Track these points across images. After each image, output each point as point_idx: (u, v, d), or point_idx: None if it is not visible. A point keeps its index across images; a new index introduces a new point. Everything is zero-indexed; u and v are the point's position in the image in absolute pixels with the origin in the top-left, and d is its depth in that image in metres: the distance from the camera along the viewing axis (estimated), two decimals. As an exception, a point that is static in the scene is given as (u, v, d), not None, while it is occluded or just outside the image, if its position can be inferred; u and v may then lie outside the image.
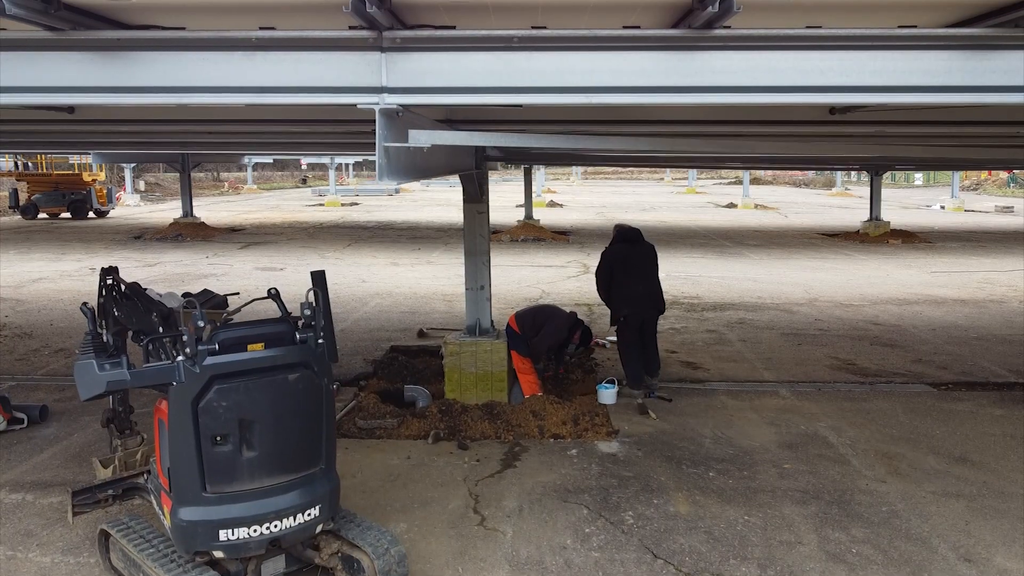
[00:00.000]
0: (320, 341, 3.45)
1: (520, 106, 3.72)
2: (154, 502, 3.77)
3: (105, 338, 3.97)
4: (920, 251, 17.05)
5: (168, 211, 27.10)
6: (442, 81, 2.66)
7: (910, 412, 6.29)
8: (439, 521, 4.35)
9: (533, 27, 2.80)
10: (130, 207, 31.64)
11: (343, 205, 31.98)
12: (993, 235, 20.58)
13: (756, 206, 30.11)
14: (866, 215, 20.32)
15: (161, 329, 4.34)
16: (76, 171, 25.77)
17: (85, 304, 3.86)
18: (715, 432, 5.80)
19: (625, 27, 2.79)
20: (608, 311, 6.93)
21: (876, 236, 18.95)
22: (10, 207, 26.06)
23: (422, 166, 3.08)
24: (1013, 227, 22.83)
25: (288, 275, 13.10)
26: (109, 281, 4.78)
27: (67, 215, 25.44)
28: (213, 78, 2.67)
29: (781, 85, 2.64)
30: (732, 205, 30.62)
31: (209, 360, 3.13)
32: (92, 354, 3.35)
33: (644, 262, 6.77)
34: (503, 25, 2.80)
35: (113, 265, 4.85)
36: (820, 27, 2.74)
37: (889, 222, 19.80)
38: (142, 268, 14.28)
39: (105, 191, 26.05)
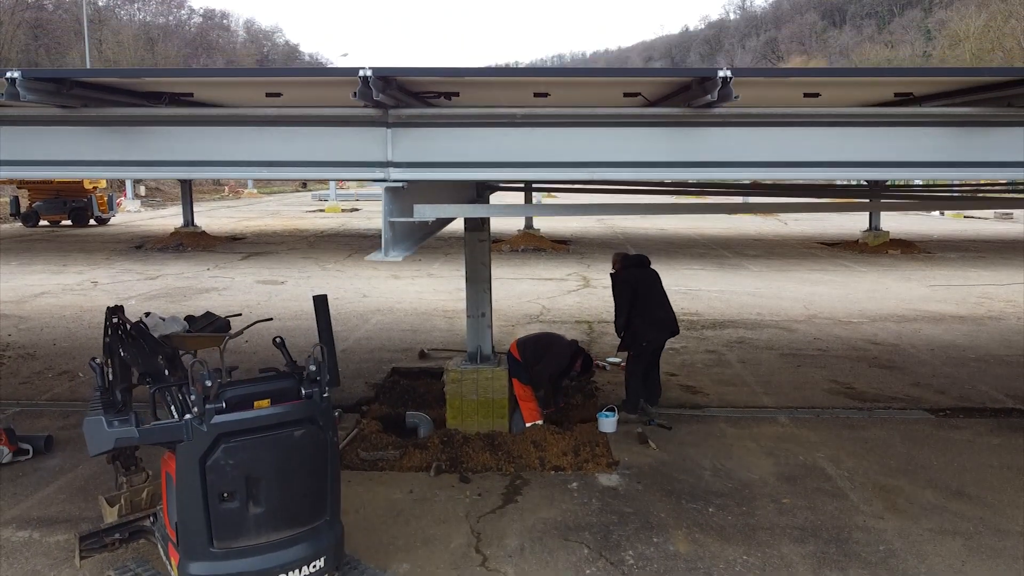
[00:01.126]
0: (325, 395, 3.50)
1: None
2: (161, 551, 3.82)
3: (114, 394, 4.01)
4: (919, 262, 17.10)
5: (169, 218, 27.14)
6: (447, 156, 2.71)
7: (908, 441, 6.34)
8: (441, 561, 4.40)
9: (536, 94, 2.85)
10: (131, 213, 31.68)
11: (343, 211, 32.02)
12: (992, 244, 20.64)
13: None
14: (865, 223, 20.37)
15: (167, 372, 4.40)
16: (77, 178, 25.82)
17: (94, 359, 3.91)
18: (714, 463, 5.85)
19: (626, 94, 2.84)
20: (607, 330, 6.99)
21: (875, 246, 19.01)
22: (11, 215, 26.09)
23: (426, 231, 3.13)
24: (1012, 235, 22.88)
25: (289, 289, 13.14)
26: (115, 320, 4.84)
27: (68, 223, 25.49)
28: (225, 152, 2.73)
29: (780, 160, 2.69)
30: (732, 211, 30.58)
31: (216, 419, 3.18)
32: (101, 411, 3.40)
33: (659, 286, 6.93)
34: (507, 96, 2.85)
35: (119, 304, 4.91)
36: (818, 94, 2.79)
37: (888, 232, 19.85)
38: (144, 281, 14.33)
39: (106, 198, 26.09)
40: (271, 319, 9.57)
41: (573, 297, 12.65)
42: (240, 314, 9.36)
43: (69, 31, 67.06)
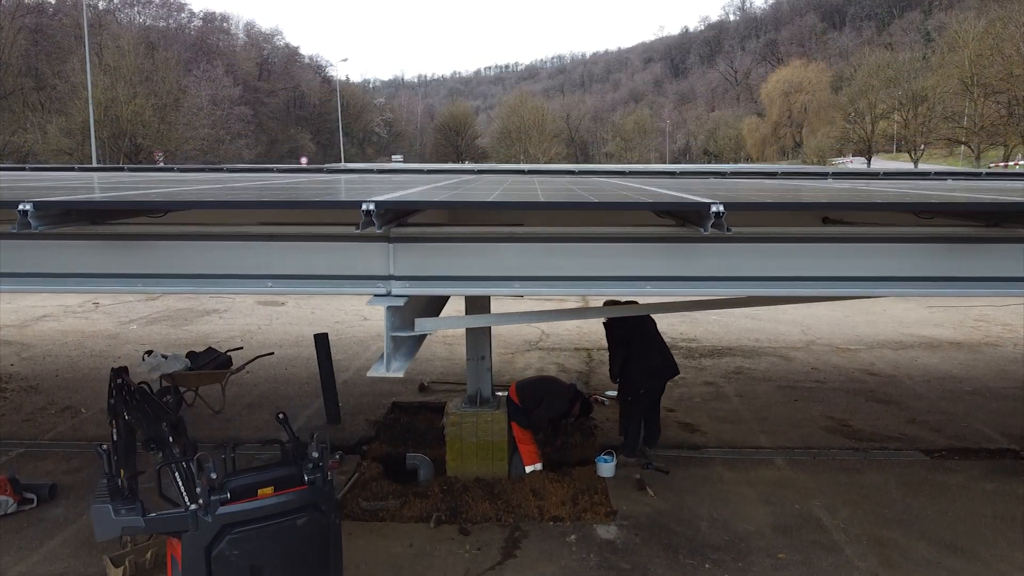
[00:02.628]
0: (328, 478, 3.56)
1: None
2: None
3: (120, 481, 4.07)
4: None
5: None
6: (447, 271, 2.78)
7: (903, 486, 6.40)
8: (441, 625, 4.46)
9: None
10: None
11: (343, 220, 32.08)
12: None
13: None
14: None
15: (171, 439, 4.46)
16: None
17: (100, 445, 3.97)
18: (711, 512, 5.92)
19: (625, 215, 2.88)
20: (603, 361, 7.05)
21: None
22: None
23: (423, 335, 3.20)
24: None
25: (290, 311, 13.21)
26: (119, 381, 4.91)
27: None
28: (230, 266, 2.80)
29: (778, 276, 2.76)
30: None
31: (221, 510, 3.25)
32: (108, 499, 3.47)
33: (655, 330, 6.93)
34: (507, 216, 2.91)
35: (123, 366, 4.98)
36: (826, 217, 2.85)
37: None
38: (144, 302, 14.39)
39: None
40: (271, 353, 9.67)
41: (573, 323, 12.71)
42: (242, 347, 9.46)
43: (69, 35, 67.06)
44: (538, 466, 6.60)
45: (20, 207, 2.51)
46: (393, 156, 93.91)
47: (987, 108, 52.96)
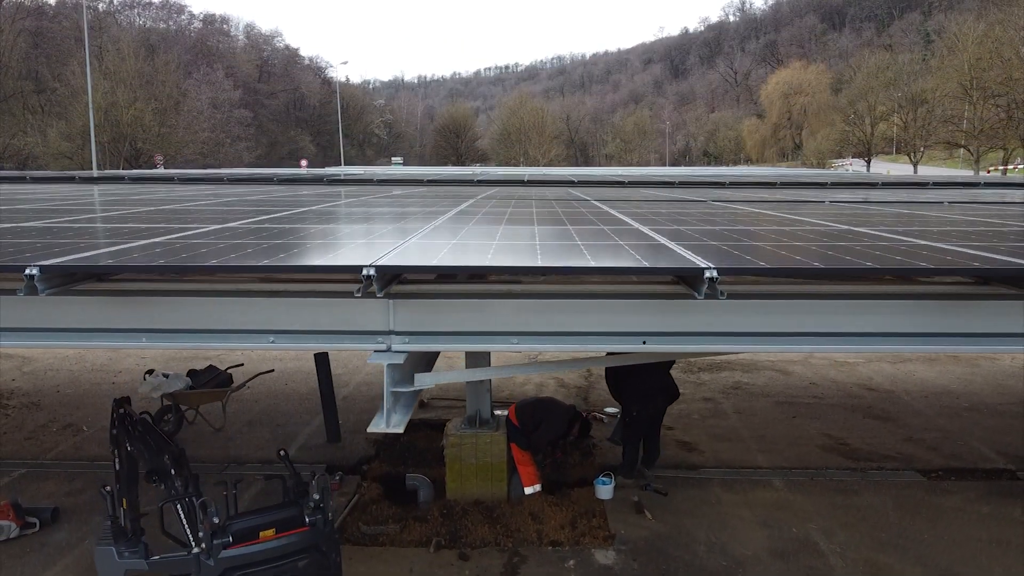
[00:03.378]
0: (330, 518, 3.61)
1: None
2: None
3: (123, 521, 4.12)
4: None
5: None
6: (446, 326, 2.83)
7: (899, 509, 6.44)
8: (441, 656, 4.50)
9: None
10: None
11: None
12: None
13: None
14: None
15: (173, 471, 4.50)
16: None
17: (104, 487, 4.01)
18: (709, 536, 5.96)
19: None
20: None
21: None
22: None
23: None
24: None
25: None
26: (121, 411, 4.95)
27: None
28: (233, 322, 2.84)
29: (769, 332, 2.80)
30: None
31: (224, 553, 3.29)
32: (111, 541, 3.51)
33: None
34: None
35: (125, 396, 5.02)
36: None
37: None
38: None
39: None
40: (272, 371, 9.71)
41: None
42: (242, 364, 9.50)
43: (69, 38, 67.09)
44: (537, 487, 6.64)
45: (27, 271, 2.56)
46: (393, 158, 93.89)
47: (986, 112, 52.98)
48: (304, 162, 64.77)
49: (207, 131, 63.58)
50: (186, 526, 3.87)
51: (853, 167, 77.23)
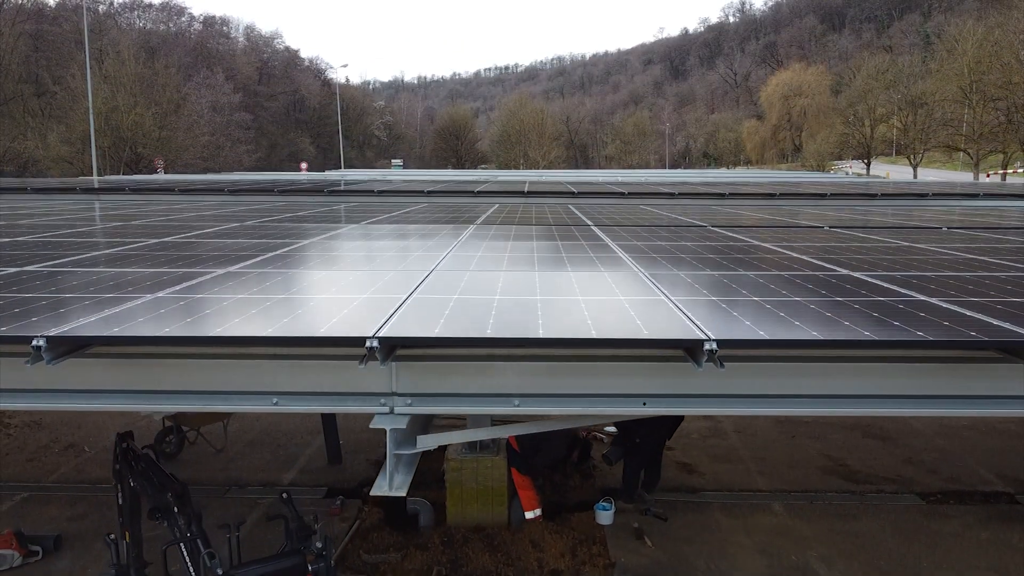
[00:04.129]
0: (331, 565, 3.63)
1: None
2: None
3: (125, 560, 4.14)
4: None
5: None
6: (449, 388, 2.86)
7: (899, 535, 6.47)
8: None
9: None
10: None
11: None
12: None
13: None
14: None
15: (176, 509, 4.53)
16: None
17: (109, 535, 4.04)
18: (708, 564, 5.98)
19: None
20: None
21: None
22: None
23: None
24: None
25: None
26: (124, 446, 4.98)
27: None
28: (237, 383, 2.87)
29: (772, 394, 2.84)
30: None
31: (226, 606, 3.32)
32: (115, 590, 3.54)
33: None
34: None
35: (128, 430, 5.04)
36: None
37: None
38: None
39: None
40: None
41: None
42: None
43: (69, 40, 67.14)
44: (538, 512, 6.67)
45: (33, 343, 2.59)
46: (393, 160, 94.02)
47: (986, 115, 53.03)
48: (304, 165, 64.83)
49: (207, 135, 63.62)
50: (190, 566, 3.90)
51: (853, 169, 77.32)
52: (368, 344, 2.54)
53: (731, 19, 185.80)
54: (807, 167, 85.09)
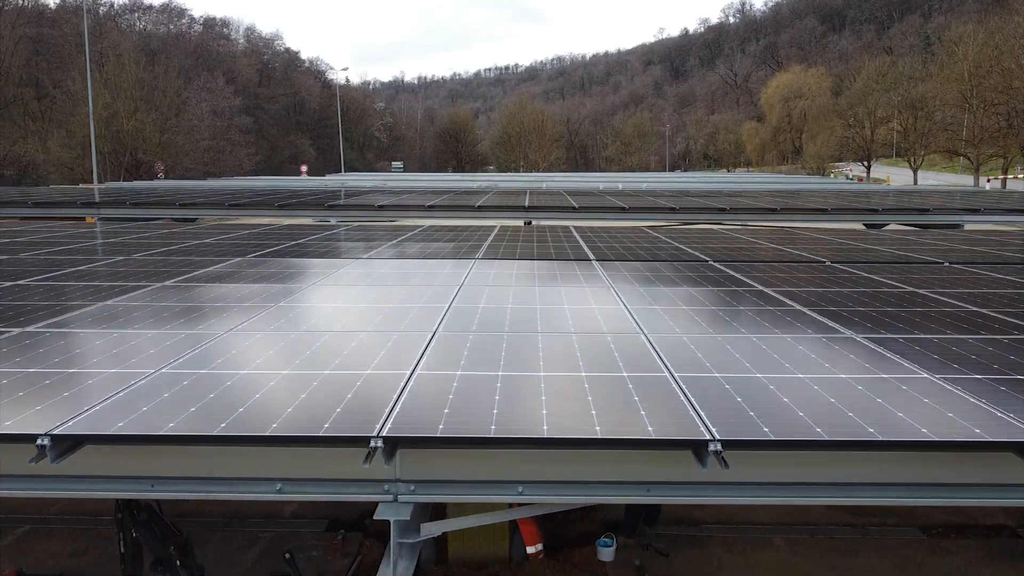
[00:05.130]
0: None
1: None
2: None
3: None
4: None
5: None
6: (451, 475, 2.87)
7: (900, 571, 6.46)
8: None
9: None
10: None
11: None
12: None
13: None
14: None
15: (179, 562, 4.53)
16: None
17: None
18: (710, 605, 5.98)
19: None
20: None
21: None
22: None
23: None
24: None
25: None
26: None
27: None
28: (239, 470, 2.87)
29: (779, 482, 2.85)
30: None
31: None
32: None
33: None
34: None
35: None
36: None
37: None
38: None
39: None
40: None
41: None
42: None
43: (70, 43, 67.11)
44: (539, 546, 6.66)
45: (38, 442, 2.60)
46: (393, 163, 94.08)
47: (987, 120, 53.01)
48: (304, 168, 64.86)
49: (207, 139, 63.63)
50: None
51: (853, 172, 77.35)
52: (372, 444, 2.55)
53: (731, 20, 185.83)
54: (807, 168, 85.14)
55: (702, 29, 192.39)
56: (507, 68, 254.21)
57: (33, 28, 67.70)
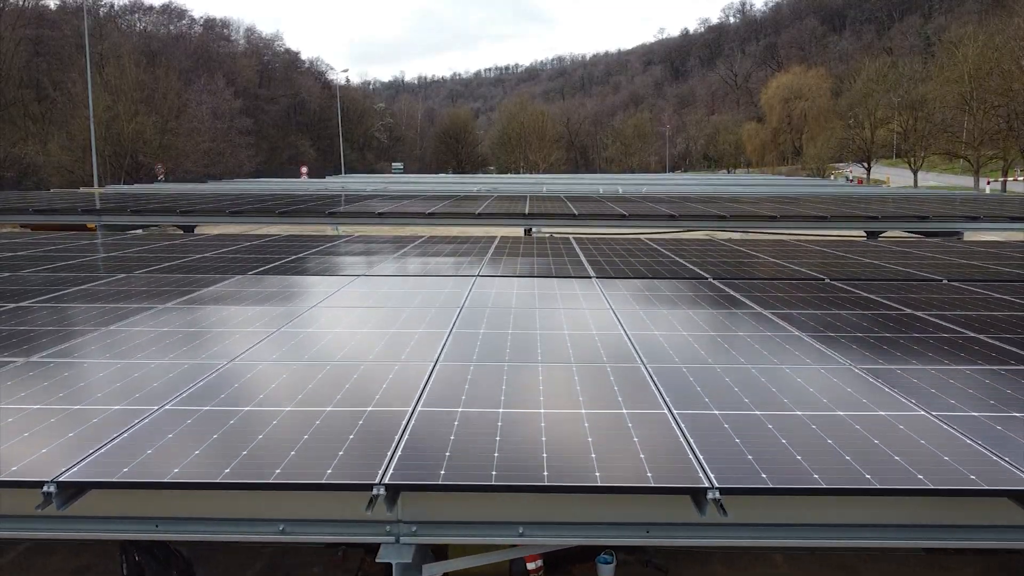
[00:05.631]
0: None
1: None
2: None
3: None
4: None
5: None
6: (452, 516, 2.90)
7: (899, 590, 6.49)
8: None
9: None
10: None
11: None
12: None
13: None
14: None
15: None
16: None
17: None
18: (709, 625, 6.01)
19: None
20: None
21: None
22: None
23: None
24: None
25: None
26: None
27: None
28: (243, 511, 2.91)
29: (781, 523, 2.88)
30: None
31: None
32: None
33: None
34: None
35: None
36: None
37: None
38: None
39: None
40: None
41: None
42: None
43: (71, 44, 67.14)
44: (539, 562, 6.69)
45: (44, 489, 2.64)
46: (393, 164, 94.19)
47: (987, 122, 53.03)
48: (304, 169, 64.87)
49: (208, 141, 63.67)
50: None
51: (853, 173, 77.32)
52: (375, 491, 2.60)
53: (731, 20, 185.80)
54: (807, 170, 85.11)
55: (702, 29, 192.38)
56: (507, 68, 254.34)
57: (33, 29, 67.72)
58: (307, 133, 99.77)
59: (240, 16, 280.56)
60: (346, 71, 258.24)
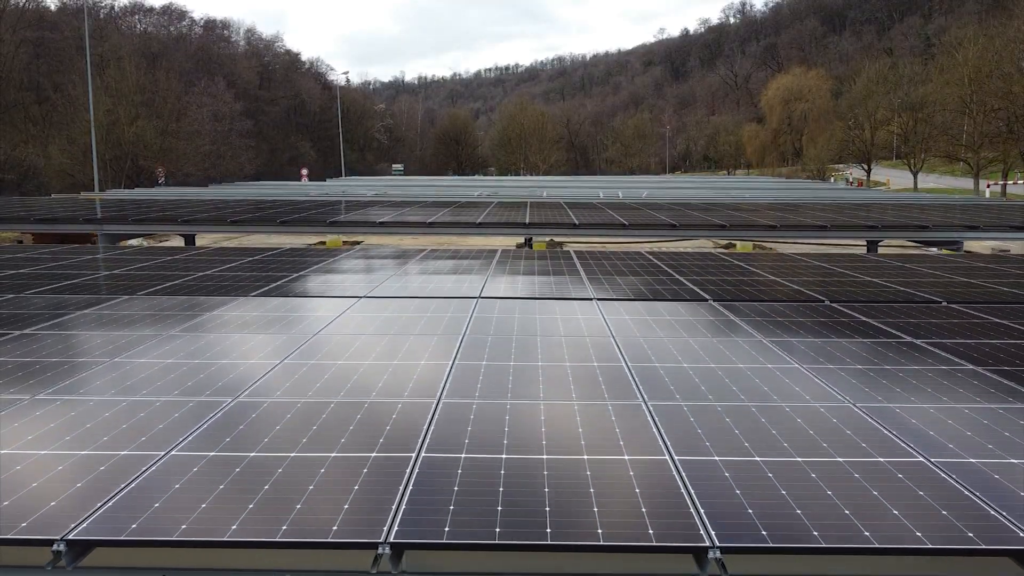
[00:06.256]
0: None
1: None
2: None
3: None
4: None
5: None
6: (454, 568, 2.93)
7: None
8: None
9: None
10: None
11: (344, 243, 32.15)
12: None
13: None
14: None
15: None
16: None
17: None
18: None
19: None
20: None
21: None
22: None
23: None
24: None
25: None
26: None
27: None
28: (242, 562, 2.94)
29: (774, 575, 2.90)
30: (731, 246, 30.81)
31: None
32: None
33: None
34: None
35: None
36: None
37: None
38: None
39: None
40: None
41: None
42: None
43: (71, 46, 67.17)
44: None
45: (54, 547, 2.68)
46: (393, 166, 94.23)
47: (987, 125, 53.06)
48: (304, 171, 64.90)
49: (208, 144, 63.71)
50: None
51: (853, 175, 77.32)
52: (379, 551, 2.63)
53: (732, 20, 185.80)
54: (807, 171, 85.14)
55: (702, 30, 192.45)
56: (507, 68, 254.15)
57: (34, 31, 67.70)
58: (307, 134, 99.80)
59: (240, 17, 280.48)
60: (346, 73, 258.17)
